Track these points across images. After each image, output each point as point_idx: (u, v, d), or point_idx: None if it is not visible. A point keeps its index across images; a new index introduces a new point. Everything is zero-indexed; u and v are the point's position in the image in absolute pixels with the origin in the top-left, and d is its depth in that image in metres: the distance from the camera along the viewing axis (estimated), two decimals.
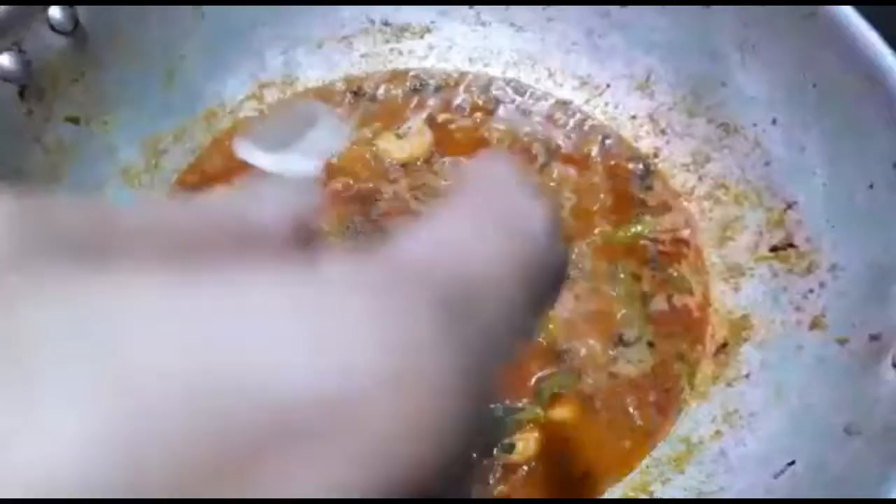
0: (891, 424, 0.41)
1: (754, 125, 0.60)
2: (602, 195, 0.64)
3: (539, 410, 0.54)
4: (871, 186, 0.50)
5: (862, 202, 0.51)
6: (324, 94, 0.70)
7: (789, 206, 0.57)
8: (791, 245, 0.56)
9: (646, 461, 0.52)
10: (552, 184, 0.64)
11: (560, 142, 0.67)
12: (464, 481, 0.15)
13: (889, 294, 0.46)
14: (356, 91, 0.70)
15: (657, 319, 0.58)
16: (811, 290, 0.53)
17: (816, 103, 0.55)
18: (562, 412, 0.54)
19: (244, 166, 0.65)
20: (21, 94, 0.56)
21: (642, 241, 0.62)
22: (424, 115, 0.69)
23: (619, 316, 0.58)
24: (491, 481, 0.52)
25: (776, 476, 0.45)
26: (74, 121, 0.60)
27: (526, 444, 0.53)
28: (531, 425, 0.53)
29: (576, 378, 0.55)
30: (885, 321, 0.46)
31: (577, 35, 0.68)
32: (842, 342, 0.49)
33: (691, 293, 0.59)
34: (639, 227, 0.62)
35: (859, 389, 0.45)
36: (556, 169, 0.66)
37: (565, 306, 0.58)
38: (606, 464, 0.52)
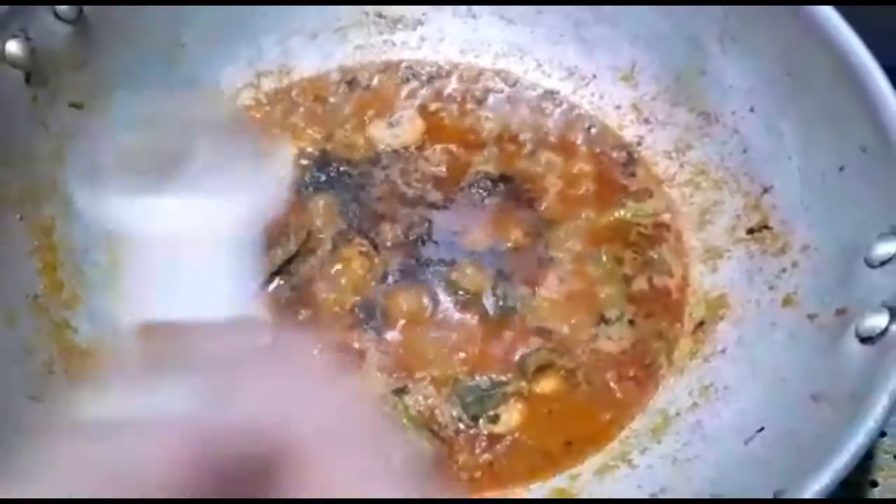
0: (855, 391, 0.43)
1: (733, 113, 0.62)
2: (587, 181, 0.66)
3: (523, 384, 0.56)
4: (842, 169, 0.53)
5: (833, 185, 0.53)
6: (318, 83, 0.72)
7: (765, 191, 0.59)
8: (767, 227, 0.58)
9: (625, 432, 0.54)
10: (539, 169, 0.67)
11: (547, 130, 0.70)
12: None
13: (855, 271, 0.49)
14: (350, 81, 0.73)
15: (638, 299, 0.61)
16: (784, 270, 0.55)
17: (792, 92, 0.57)
18: (545, 385, 0.56)
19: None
20: (27, 79, 0.58)
21: (625, 226, 0.64)
22: (416, 104, 0.71)
23: (601, 296, 0.60)
24: (477, 451, 0.54)
25: (747, 442, 0.48)
26: (77, 106, 0.62)
27: (510, 415, 0.55)
28: (515, 398, 0.55)
29: (559, 354, 0.57)
30: (851, 296, 0.48)
31: (564, 27, 0.70)
32: (812, 317, 0.51)
33: (671, 275, 0.62)
34: (622, 212, 0.65)
35: (827, 360, 0.47)
36: (544, 156, 0.68)
37: (550, 287, 0.61)
38: (587, 434, 0.54)
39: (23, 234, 0.56)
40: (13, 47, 0.56)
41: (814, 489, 0.37)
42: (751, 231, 0.60)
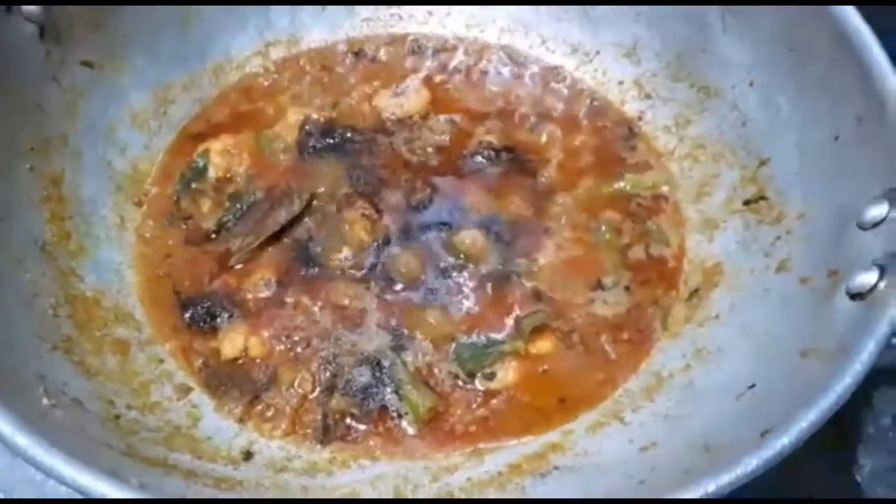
0: (843, 342, 0.43)
1: (732, 88, 0.63)
2: (588, 154, 0.67)
3: (520, 343, 0.57)
4: (837, 139, 0.54)
5: (828, 154, 0.54)
6: (326, 53, 0.74)
7: (762, 163, 0.60)
8: (763, 198, 0.59)
9: (618, 392, 0.55)
10: (541, 141, 0.68)
11: (550, 104, 0.71)
12: None
13: (847, 234, 0.49)
14: (357, 52, 0.74)
15: (635, 267, 0.61)
16: (779, 238, 0.56)
17: (790, 65, 0.58)
18: (540, 346, 0.57)
19: (248, 118, 0.68)
20: (41, 34, 0.59)
21: (624, 196, 0.65)
22: (422, 75, 0.72)
23: (598, 263, 0.61)
24: (472, 405, 0.55)
25: (738, 398, 0.48)
26: (89, 65, 0.63)
27: (505, 373, 0.56)
28: (511, 357, 0.56)
29: (555, 316, 0.58)
30: (843, 258, 0.49)
31: (568, 4, 0.71)
32: (804, 281, 0.52)
33: (668, 244, 0.63)
34: (621, 184, 0.66)
35: (817, 319, 0.48)
36: (546, 128, 0.69)
37: (548, 253, 0.62)
38: (581, 393, 0.55)
39: (33, 184, 0.57)
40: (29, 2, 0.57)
41: (800, 426, 0.38)
42: (747, 202, 0.60)
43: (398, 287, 0.60)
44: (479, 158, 0.67)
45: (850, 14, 0.54)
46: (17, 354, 0.47)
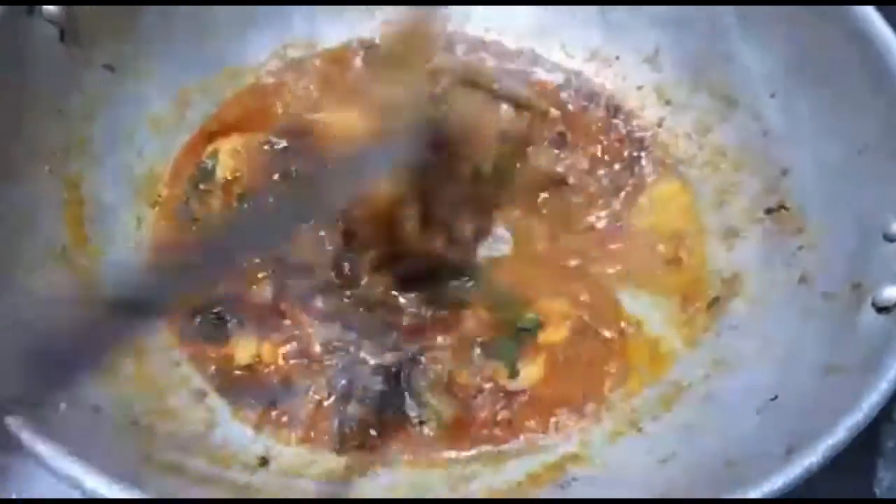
0: (869, 358, 0.43)
1: (754, 97, 0.63)
2: (606, 159, 0.67)
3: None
4: (861, 151, 0.53)
5: (851, 163, 0.54)
6: (340, 55, 0.73)
7: (784, 172, 0.60)
8: (784, 207, 0.59)
9: (636, 400, 0.54)
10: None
11: (569, 109, 0.70)
12: None
13: (872, 246, 0.49)
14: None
15: None
16: (801, 248, 0.56)
17: (810, 71, 0.58)
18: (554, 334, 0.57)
19: (258, 117, 0.68)
20: (61, 37, 0.59)
21: None
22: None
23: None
24: (498, 407, 0.54)
25: (759, 411, 0.48)
26: (110, 69, 0.63)
27: (529, 371, 0.55)
28: (532, 352, 0.56)
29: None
30: (868, 270, 0.48)
31: (589, 9, 0.71)
32: (827, 293, 0.51)
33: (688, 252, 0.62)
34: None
35: (841, 332, 0.48)
36: (565, 134, 0.68)
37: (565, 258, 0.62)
38: (600, 384, 0.55)
39: (53, 188, 0.57)
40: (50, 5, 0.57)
41: (827, 444, 0.38)
42: (768, 211, 0.60)
43: (413, 290, 0.59)
44: None
45: (868, 14, 0.53)
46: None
